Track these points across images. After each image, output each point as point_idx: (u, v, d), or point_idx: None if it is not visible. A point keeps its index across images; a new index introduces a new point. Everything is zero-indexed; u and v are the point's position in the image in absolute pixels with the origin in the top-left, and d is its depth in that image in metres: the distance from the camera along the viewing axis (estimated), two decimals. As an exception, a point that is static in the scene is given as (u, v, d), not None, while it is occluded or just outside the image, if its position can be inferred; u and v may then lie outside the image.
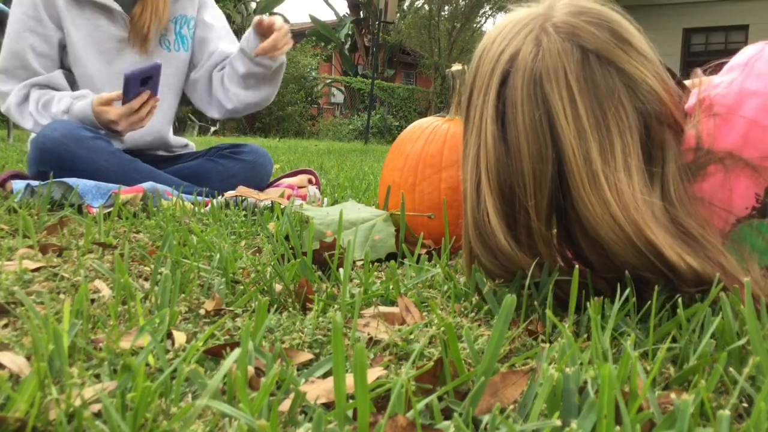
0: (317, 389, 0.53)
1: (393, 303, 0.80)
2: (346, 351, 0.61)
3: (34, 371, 0.48)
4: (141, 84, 1.62)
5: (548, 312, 0.66)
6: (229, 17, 14.08)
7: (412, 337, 0.67)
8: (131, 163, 1.67)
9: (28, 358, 0.57)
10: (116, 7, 1.78)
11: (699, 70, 0.84)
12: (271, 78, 1.87)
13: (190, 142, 2.07)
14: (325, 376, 0.57)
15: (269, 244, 1.10)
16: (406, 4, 15.25)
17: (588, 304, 0.66)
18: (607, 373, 0.43)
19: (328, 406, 0.52)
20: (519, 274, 0.77)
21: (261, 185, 1.89)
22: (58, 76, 1.75)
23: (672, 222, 0.71)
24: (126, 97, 1.62)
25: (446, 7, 13.78)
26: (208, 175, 1.82)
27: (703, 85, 0.80)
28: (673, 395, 0.45)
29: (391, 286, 0.82)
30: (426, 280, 0.92)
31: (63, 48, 1.78)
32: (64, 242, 1.08)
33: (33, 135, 1.79)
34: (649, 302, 0.67)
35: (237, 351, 0.48)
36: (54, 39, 1.75)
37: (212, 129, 11.56)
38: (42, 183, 1.46)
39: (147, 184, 1.53)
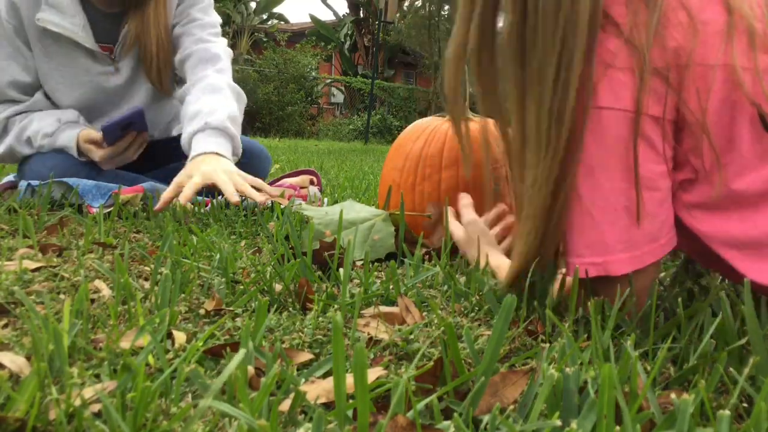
0: (317, 389, 0.53)
1: (393, 303, 0.80)
2: (346, 351, 0.61)
3: (34, 371, 0.48)
4: (122, 129, 1.56)
5: (548, 312, 0.66)
6: (228, 17, 14.09)
7: (412, 337, 0.67)
8: (134, 180, 1.65)
9: (28, 358, 0.57)
10: (97, 49, 1.66)
11: None
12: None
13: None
14: (325, 376, 0.57)
15: (269, 244, 1.10)
16: (406, 4, 15.25)
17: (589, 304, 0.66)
18: (607, 373, 0.43)
19: (328, 406, 0.52)
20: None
21: None
22: (39, 102, 1.65)
23: None
24: (108, 144, 1.58)
25: (446, 7, 13.78)
26: None
27: None
28: (673, 395, 0.45)
29: (391, 286, 0.82)
30: (426, 280, 0.92)
31: None
32: (64, 242, 1.08)
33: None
34: (649, 302, 0.67)
35: (241, 352, 0.48)
36: (32, 67, 1.64)
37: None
38: (42, 183, 1.46)
39: (147, 184, 1.53)
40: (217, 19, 1.84)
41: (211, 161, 1.47)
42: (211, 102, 1.59)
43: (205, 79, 1.66)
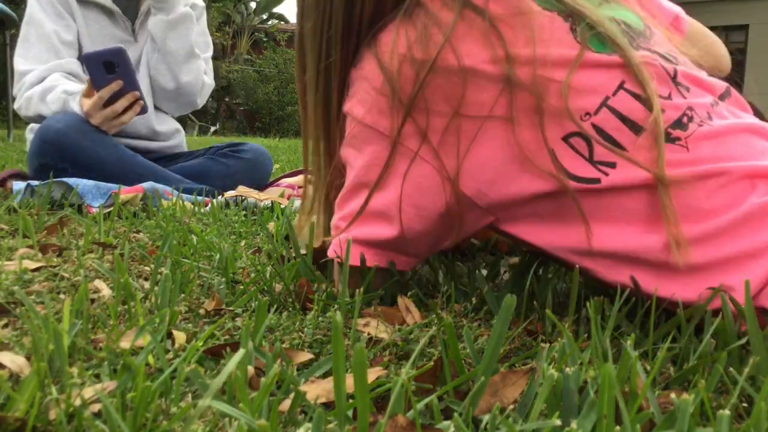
0: (317, 389, 0.53)
1: (393, 303, 0.80)
2: (346, 351, 0.61)
3: (34, 371, 0.48)
4: (107, 72, 1.58)
5: (548, 312, 0.66)
6: (228, 17, 14.09)
7: (412, 337, 0.67)
8: (132, 158, 1.67)
9: (28, 358, 0.57)
10: (117, 9, 1.82)
11: None
12: (177, 37, 1.86)
13: (179, 127, 2.05)
14: (325, 376, 0.57)
15: (269, 245, 1.10)
16: (406, 4, 15.20)
17: (588, 304, 0.66)
18: (607, 373, 0.43)
19: (328, 406, 0.52)
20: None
21: (261, 184, 1.89)
22: (76, 64, 1.79)
23: None
24: (95, 86, 1.60)
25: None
26: (208, 174, 1.83)
27: None
28: (673, 395, 0.45)
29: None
30: (426, 280, 0.92)
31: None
32: (64, 242, 1.08)
33: (30, 126, 1.80)
34: (648, 302, 0.67)
35: (240, 353, 0.48)
36: (74, 29, 1.80)
37: (212, 129, 11.56)
38: (42, 183, 1.46)
39: (147, 184, 1.53)
40: (209, 38, 2.08)
41: None
42: None
43: None
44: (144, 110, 1.70)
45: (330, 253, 0.81)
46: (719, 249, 0.65)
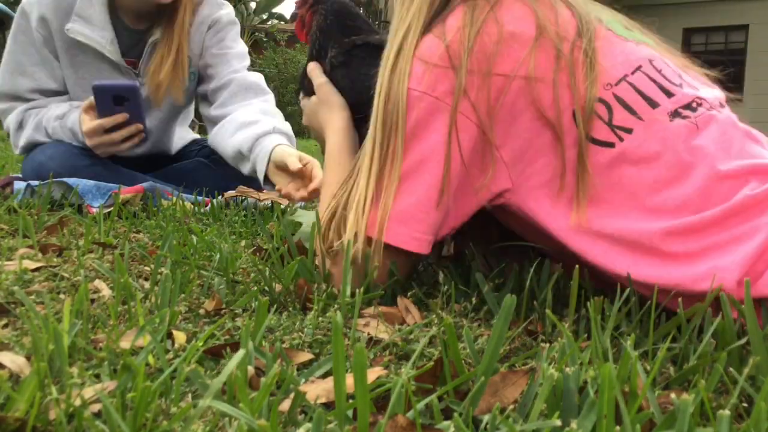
0: (317, 389, 0.53)
1: (393, 303, 0.80)
2: (346, 351, 0.61)
3: (34, 371, 0.48)
4: (115, 103, 1.53)
5: (548, 312, 0.66)
6: (228, 17, 14.03)
7: (412, 337, 0.67)
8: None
9: (28, 358, 0.57)
10: (123, 63, 1.69)
11: None
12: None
13: (196, 136, 2.01)
14: (325, 376, 0.57)
15: (269, 244, 1.10)
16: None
17: (588, 304, 0.66)
18: (607, 373, 0.43)
19: (328, 406, 0.52)
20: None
21: (261, 185, 1.88)
22: (57, 99, 1.69)
23: None
24: (99, 113, 1.54)
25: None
26: (208, 176, 1.81)
27: None
28: (673, 395, 0.45)
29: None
30: (426, 280, 0.92)
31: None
32: (64, 242, 1.08)
33: (23, 156, 1.72)
34: (648, 302, 0.67)
35: (240, 353, 0.48)
36: (60, 75, 1.68)
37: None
38: (42, 183, 1.46)
39: (147, 184, 1.53)
40: (245, 48, 1.88)
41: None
42: (271, 119, 1.64)
43: (254, 105, 1.71)
44: (144, 141, 1.64)
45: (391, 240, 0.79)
46: (713, 237, 0.69)
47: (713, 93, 0.82)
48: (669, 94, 0.77)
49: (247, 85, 1.76)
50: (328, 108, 1.01)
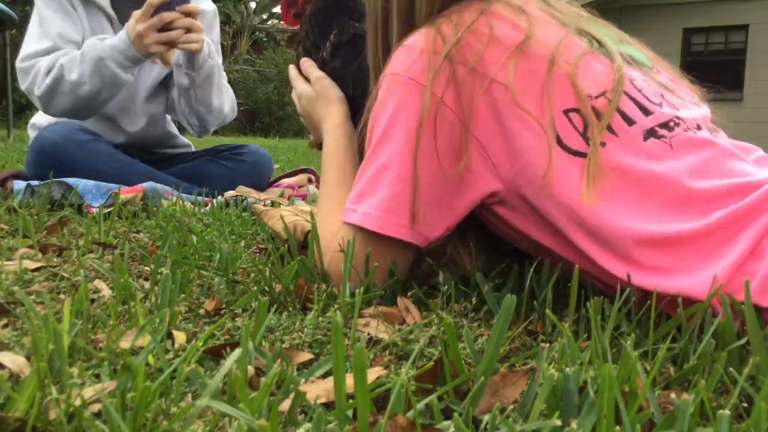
0: (317, 389, 0.53)
1: (393, 303, 0.80)
2: (346, 351, 0.61)
3: (34, 371, 0.48)
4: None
5: (548, 312, 0.66)
6: (228, 17, 14.08)
7: (412, 337, 0.67)
8: (131, 166, 1.66)
9: (28, 358, 0.57)
10: (114, 16, 1.76)
11: None
12: (207, 86, 1.75)
13: (190, 143, 2.06)
14: (325, 376, 0.57)
15: (269, 244, 1.10)
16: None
17: (588, 304, 0.66)
18: (607, 373, 0.43)
19: (328, 406, 0.52)
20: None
21: (261, 186, 1.89)
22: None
23: None
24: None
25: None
26: (209, 176, 1.82)
27: None
28: (673, 395, 0.45)
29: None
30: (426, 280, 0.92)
31: None
32: (64, 242, 1.08)
33: (31, 122, 1.78)
34: (648, 302, 0.67)
35: (237, 351, 0.48)
36: (80, 29, 1.74)
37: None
38: (42, 183, 1.46)
39: (147, 184, 1.53)
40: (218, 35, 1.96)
41: None
42: None
43: None
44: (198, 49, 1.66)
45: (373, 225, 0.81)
46: (680, 254, 0.70)
47: (699, 111, 0.83)
48: (647, 112, 0.78)
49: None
50: (326, 102, 1.02)
